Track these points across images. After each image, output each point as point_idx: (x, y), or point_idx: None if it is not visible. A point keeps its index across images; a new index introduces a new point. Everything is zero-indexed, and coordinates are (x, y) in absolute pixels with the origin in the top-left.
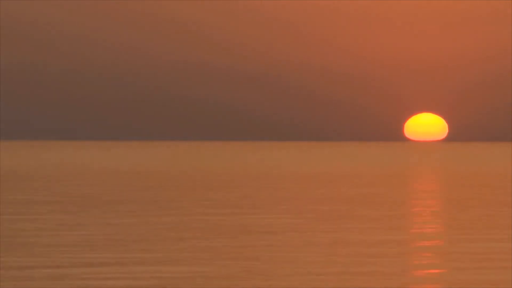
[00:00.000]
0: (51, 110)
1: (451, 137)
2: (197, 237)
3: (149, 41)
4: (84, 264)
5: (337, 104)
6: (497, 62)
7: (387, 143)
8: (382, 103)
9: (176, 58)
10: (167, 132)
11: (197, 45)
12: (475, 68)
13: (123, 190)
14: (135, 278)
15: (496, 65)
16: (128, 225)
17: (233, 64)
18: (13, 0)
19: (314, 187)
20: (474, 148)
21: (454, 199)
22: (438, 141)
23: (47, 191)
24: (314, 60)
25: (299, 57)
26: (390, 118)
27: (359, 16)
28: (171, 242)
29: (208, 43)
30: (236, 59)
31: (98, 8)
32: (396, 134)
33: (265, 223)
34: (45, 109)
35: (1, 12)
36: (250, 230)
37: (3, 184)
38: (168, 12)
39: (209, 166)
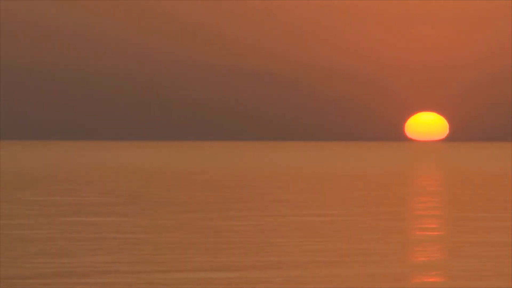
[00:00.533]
0: (51, 110)
1: (452, 136)
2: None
3: (151, 40)
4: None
5: (336, 104)
6: (500, 61)
7: (389, 143)
8: (382, 102)
9: (179, 57)
10: (165, 132)
11: (198, 45)
12: (476, 67)
13: (171, 191)
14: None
15: (498, 64)
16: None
17: (233, 63)
18: (13, 0)
19: (345, 189)
20: (477, 148)
21: (474, 202)
22: (439, 141)
23: (102, 191)
24: (313, 60)
25: (298, 56)
26: (391, 117)
27: (359, 15)
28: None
29: (209, 42)
30: (236, 58)
31: (99, 7)
32: (396, 133)
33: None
34: (45, 109)
35: (1, 12)
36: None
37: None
38: (170, 11)
39: (244, 167)
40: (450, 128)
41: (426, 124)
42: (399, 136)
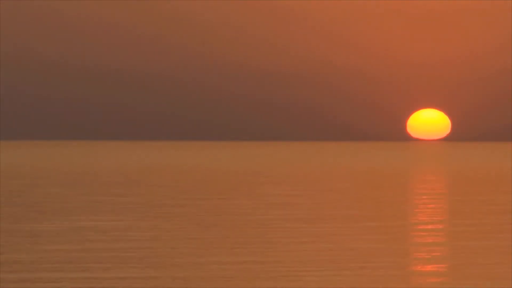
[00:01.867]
0: (51, 110)
1: (454, 134)
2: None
3: (154, 41)
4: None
5: (336, 104)
6: (503, 58)
7: (393, 143)
8: (382, 100)
9: (186, 55)
10: (162, 132)
11: (205, 42)
12: (478, 63)
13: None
14: None
15: (501, 61)
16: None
17: (236, 61)
18: (13, 0)
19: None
20: (485, 148)
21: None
22: (442, 139)
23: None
24: (312, 60)
25: (296, 57)
26: (393, 115)
27: (361, 14)
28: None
29: (213, 41)
30: (238, 57)
31: (99, 6)
32: (399, 132)
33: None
34: (45, 109)
35: (1, 12)
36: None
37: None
38: (173, 9)
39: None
40: (452, 126)
41: (428, 122)
42: (402, 134)
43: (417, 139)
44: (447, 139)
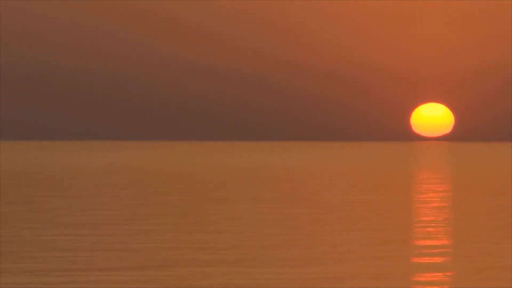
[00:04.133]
0: (51, 110)
1: (458, 129)
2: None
3: (154, 43)
4: None
5: (338, 104)
6: (501, 51)
7: (399, 143)
8: (383, 97)
9: (181, 59)
10: (161, 133)
11: (203, 47)
12: (481, 58)
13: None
14: None
15: (499, 54)
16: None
17: (241, 65)
18: (13, 0)
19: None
20: (491, 148)
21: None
22: (445, 136)
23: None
24: (312, 62)
25: (296, 58)
26: (394, 112)
27: (359, 10)
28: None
29: (212, 44)
30: (244, 60)
31: (99, 8)
32: (402, 129)
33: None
34: (45, 110)
35: (1, 12)
36: None
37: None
38: (168, 13)
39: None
40: (455, 120)
41: (432, 118)
42: (405, 132)
43: (423, 137)
44: (451, 135)
